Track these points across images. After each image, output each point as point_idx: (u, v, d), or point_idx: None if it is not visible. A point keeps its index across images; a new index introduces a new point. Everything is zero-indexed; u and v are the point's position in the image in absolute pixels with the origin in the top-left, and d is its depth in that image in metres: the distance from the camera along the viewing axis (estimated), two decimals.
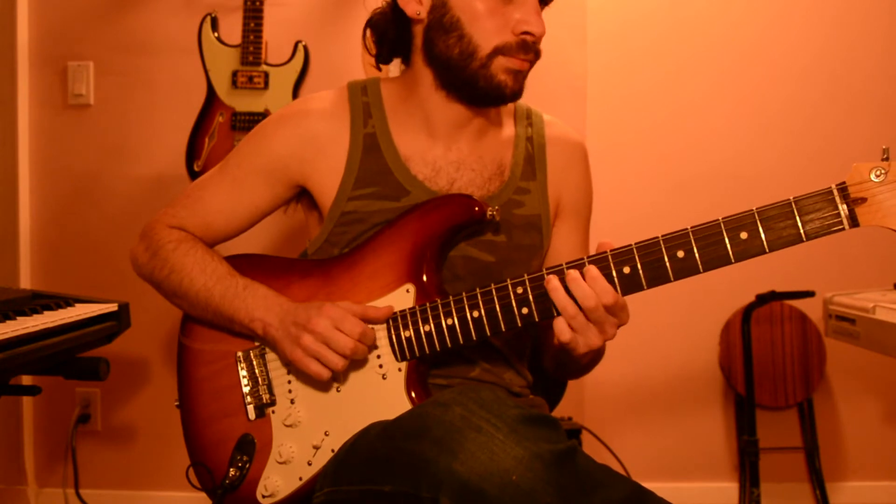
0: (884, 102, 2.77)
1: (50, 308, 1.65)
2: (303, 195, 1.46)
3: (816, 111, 2.77)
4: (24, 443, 2.74)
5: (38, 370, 1.66)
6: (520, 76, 1.33)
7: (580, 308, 1.17)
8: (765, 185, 2.74)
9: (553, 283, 1.18)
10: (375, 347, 1.28)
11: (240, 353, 1.38)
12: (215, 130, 2.44)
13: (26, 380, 2.52)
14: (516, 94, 1.34)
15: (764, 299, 2.60)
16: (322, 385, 1.31)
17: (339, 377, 1.30)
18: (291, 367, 1.34)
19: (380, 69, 1.55)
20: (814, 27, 2.77)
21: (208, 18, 2.45)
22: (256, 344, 1.37)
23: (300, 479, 1.30)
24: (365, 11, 2.64)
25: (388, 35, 1.44)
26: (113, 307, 1.76)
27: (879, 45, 2.77)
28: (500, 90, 1.32)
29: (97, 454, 2.76)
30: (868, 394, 2.82)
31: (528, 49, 1.31)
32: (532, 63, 1.34)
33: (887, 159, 1.10)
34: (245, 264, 1.40)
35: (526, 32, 1.30)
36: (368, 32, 1.49)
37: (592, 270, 1.16)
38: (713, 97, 2.78)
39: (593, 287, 1.16)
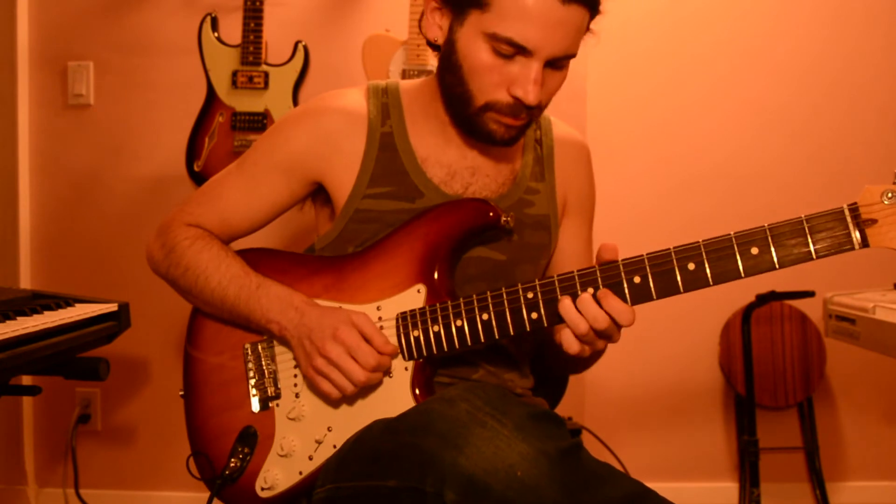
0: (884, 102, 2.77)
1: (50, 308, 1.65)
2: (318, 192, 1.46)
3: (816, 111, 2.78)
4: (24, 443, 2.74)
5: (38, 370, 1.66)
6: (511, 129, 1.31)
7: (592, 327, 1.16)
8: (765, 185, 2.74)
9: (566, 302, 1.17)
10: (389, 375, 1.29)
11: (247, 346, 1.39)
12: (215, 130, 2.44)
13: (26, 380, 2.52)
14: (507, 142, 1.33)
15: (764, 299, 2.60)
16: None
17: None
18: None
19: None
20: (814, 28, 2.77)
21: (208, 18, 2.46)
22: (264, 337, 1.38)
23: (300, 473, 1.30)
24: (365, 12, 2.62)
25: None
26: (113, 307, 1.75)
27: (879, 45, 2.77)
28: (490, 138, 1.32)
29: (97, 454, 2.76)
30: (868, 394, 2.82)
31: (519, 111, 1.28)
32: (529, 120, 1.32)
33: None
34: (257, 259, 1.40)
35: (517, 97, 1.27)
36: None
37: (608, 295, 1.16)
38: (713, 98, 2.78)
39: (610, 311, 1.15)
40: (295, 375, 1.35)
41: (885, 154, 2.70)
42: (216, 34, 2.46)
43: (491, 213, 1.31)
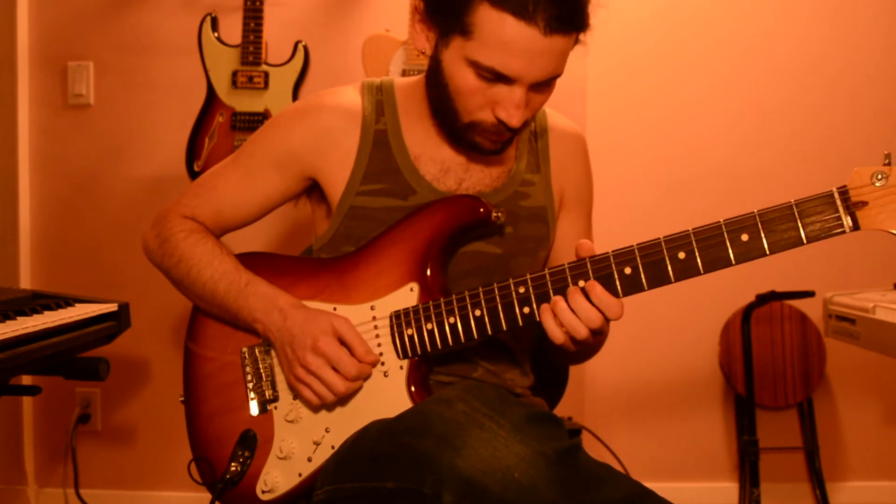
0: (884, 103, 2.77)
1: (50, 308, 1.65)
2: (313, 189, 1.47)
3: (816, 111, 2.78)
4: (24, 443, 2.74)
5: (38, 370, 1.66)
6: (497, 143, 1.33)
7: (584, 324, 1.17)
8: (764, 185, 2.74)
9: (560, 304, 1.17)
10: (369, 376, 1.29)
11: (245, 349, 1.39)
12: (215, 130, 2.44)
13: (26, 380, 2.52)
14: (494, 153, 1.35)
15: (764, 299, 2.60)
16: None
17: None
18: None
19: None
20: (814, 28, 2.77)
21: (208, 18, 2.46)
22: (261, 340, 1.38)
23: (300, 475, 1.30)
24: (365, 12, 2.62)
25: None
26: (113, 307, 1.75)
27: (879, 45, 2.77)
28: (477, 149, 1.34)
29: (97, 454, 2.76)
30: (868, 394, 2.82)
31: (503, 131, 1.29)
32: (513, 135, 1.32)
33: (889, 164, 1.10)
34: (255, 262, 1.41)
35: (501, 120, 1.28)
36: None
37: (597, 288, 1.16)
38: (713, 98, 2.78)
39: (599, 304, 1.15)
40: None
41: (884, 154, 2.70)
42: (216, 34, 2.46)
43: (481, 209, 1.31)
